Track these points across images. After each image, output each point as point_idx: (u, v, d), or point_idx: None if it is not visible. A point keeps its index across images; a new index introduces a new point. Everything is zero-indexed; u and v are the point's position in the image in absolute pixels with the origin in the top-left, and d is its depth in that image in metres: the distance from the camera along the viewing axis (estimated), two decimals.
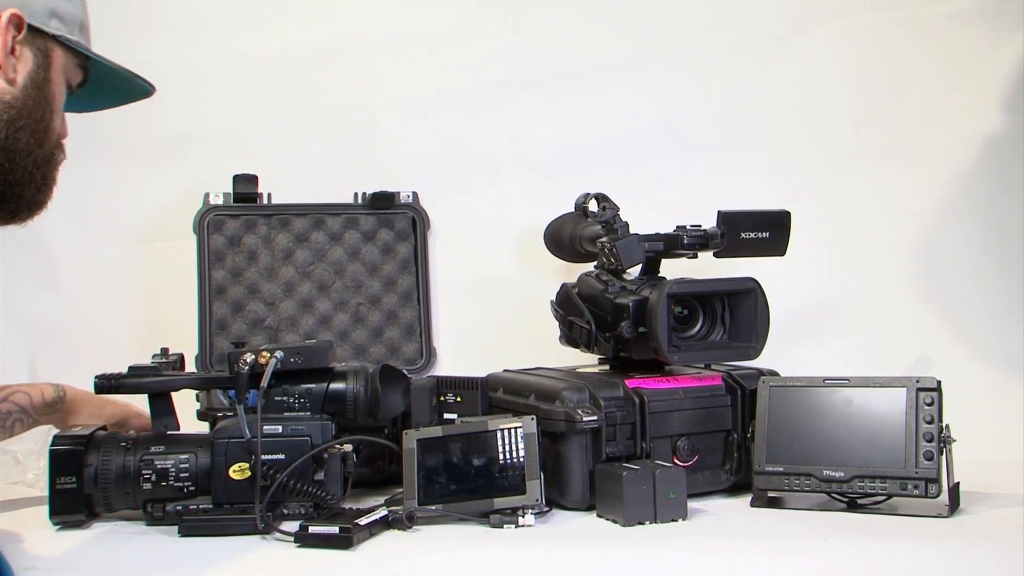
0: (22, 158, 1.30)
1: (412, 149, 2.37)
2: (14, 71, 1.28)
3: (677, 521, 1.57)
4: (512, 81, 2.36)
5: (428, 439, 1.65)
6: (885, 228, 2.29)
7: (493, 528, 1.57)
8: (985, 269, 2.26)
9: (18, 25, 1.28)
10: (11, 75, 1.28)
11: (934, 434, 1.57)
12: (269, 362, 1.58)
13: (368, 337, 2.25)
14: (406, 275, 2.29)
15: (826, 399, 1.66)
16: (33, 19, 1.29)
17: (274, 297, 2.22)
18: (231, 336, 2.16)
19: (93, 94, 1.47)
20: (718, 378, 1.79)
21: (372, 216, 2.28)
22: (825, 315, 2.29)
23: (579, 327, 1.86)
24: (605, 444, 1.67)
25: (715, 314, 1.82)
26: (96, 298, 2.36)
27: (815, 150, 2.33)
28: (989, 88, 2.27)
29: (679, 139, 2.36)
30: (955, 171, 2.28)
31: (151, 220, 2.35)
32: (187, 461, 1.57)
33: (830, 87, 2.34)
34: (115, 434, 1.61)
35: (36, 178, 1.33)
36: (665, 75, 2.35)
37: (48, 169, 1.35)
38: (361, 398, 1.66)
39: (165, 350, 1.75)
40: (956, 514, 1.58)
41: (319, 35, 2.36)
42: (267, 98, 2.36)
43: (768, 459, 1.67)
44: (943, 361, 2.06)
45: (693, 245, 1.83)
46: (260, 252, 2.22)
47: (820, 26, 2.34)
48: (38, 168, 1.33)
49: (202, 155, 2.33)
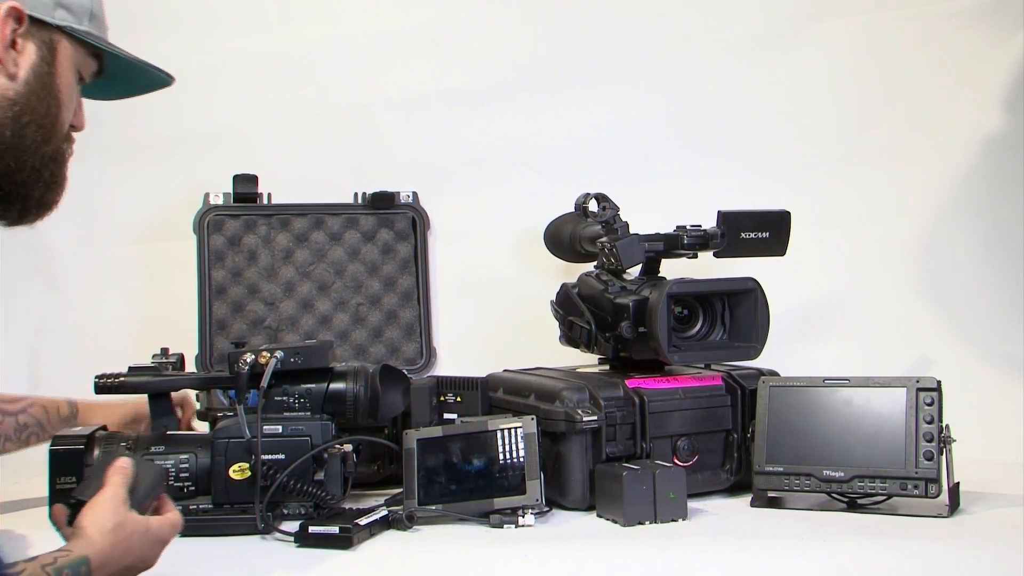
0: (29, 156, 1.26)
1: (412, 149, 2.37)
2: (15, 65, 1.23)
3: (677, 521, 1.57)
4: (512, 81, 2.36)
5: (428, 439, 1.65)
6: (885, 228, 2.29)
7: (493, 528, 1.57)
8: (985, 269, 2.26)
9: (18, 18, 1.23)
10: (12, 70, 1.23)
11: (934, 434, 1.57)
12: (269, 362, 1.58)
13: (368, 337, 2.25)
14: (406, 275, 2.29)
15: (826, 399, 1.66)
16: (36, 11, 1.25)
17: (274, 297, 2.22)
18: (231, 336, 2.16)
19: (112, 83, 1.42)
20: (718, 378, 1.79)
21: (372, 216, 2.28)
22: (825, 315, 2.29)
23: (579, 327, 1.86)
24: (605, 444, 1.67)
25: (715, 314, 1.82)
26: (96, 298, 2.36)
27: (815, 150, 2.33)
28: (989, 88, 2.27)
29: (679, 139, 2.36)
30: (955, 171, 2.28)
31: (151, 220, 2.35)
32: (187, 461, 1.57)
33: (830, 87, 2.34)
34: (115, 434, 1.61)
35: (44, 176, 1.29)
36: (665, 75, 2.35)
37: (56, 166, 1.32)
38: (361, 398, 1.65)
39: (165, 350, 1.75)
40: (956, 514, 1.58)
41: (319, 35, 2.36)
42: (267, 98, 2.36)
43: (768, 459, 1.67)
44: (943, 361, 2.06)
45: (693, 245, 1.83)
46: (260, 252, 2.22)
47: (821, 26, 2.34)
48: (46, 166, 1.29)
49: (202, 155, 2.33)
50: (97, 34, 1.34)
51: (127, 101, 1.51)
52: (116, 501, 1.21)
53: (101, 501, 1.20)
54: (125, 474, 1.24)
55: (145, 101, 1.54)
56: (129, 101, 1.51)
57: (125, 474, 1.24)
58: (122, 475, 1.24)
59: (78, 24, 1.29)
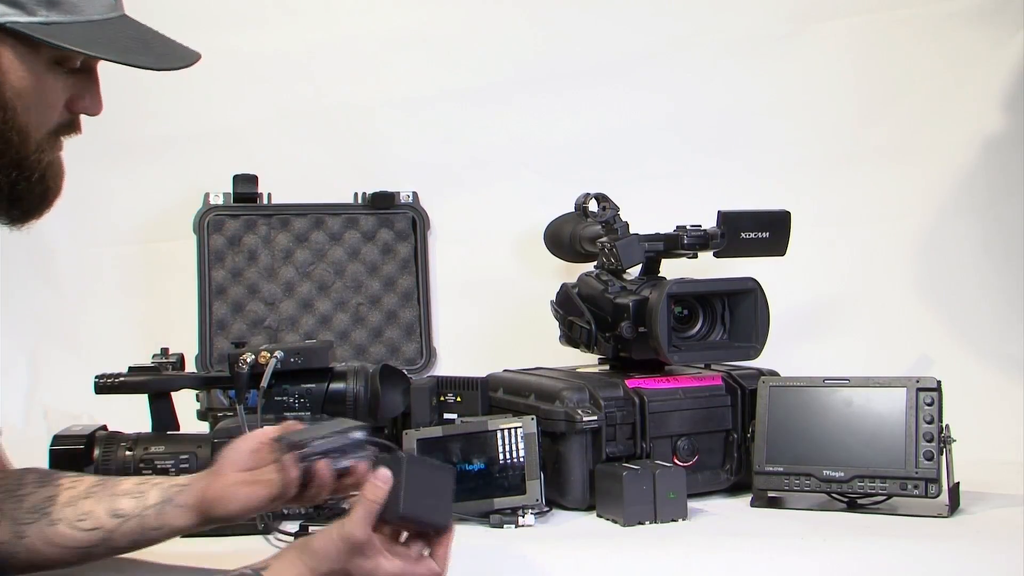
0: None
1: (412, 149, 2.37)
2: None
3: (677, 521, 1.57)
4: (512, 81, 2.36)
5: (428, 439, 1.65)
6: (885, 228, 2.29)
7: (493, 528, 1.57)
8: (985, 269, 2.26)
9: None
10: None
11: (934, 434, 1.57)
12: (269, 362, 1.58)
13: (368, 337, 2.25)
14: (406, 275, 2.29)
15: (826, 399, 1.66)
16: None
17: (274, 297, 2.22)
18: (231, 336, 2.16)
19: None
20: (718, 378, 1.79)
21: (372, 216, 2.28)
22: (825, 315, 2.29)
23: (579, 327, 1.86)
24: (605, 444, 1.67)
25: (715, 314, 1.82)
26: (96, 298, 2.36)
27: (815, 150, 2.33)
28: (989, 88, 2.27)
29: (679, 139, 2.36)
30: (955, 171, 2.28)
31: (151, 220, 2.35)
32: (187, 461, 1.57)
33: (830, 87, 2.34)
34: (116, 434, 1.61)
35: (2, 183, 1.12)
36: (665, 75, 2.35)
37: (29, 172, 1.14)
38: (361, 398, 1.65)
39: (165, 350, 1.75)
40: (956, 514, 1.57)
41: (319, 35, 2.36)
42: (267, 98, 2.36)
43: (768, 459, 1.67)
44: (943, 361, 2.06)
45: (693, 245, 1.83)
46: (260, 252, 2.22)
47: (821, 26, 2.34)
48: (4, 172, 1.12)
49: (202, 155, 2.33)
50: (58, 20, 1.10)
51: (127, 101, 1.48)
52: (350, 540, 1.05)
53: (334, 536, 1.06)
54: (377, 496, 1.05)
55: (145, 101, 1.55)
56: (129, 101, 1.48)
57: (377, 496, 1.05)
58: (376, 494, 1.05)
59: (25, 16, 1.07)
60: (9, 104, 1.10)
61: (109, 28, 1.17)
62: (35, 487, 1.25)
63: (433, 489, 1.06)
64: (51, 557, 1.20)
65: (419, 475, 1.04)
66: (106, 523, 1.21)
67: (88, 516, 1.21)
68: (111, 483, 1.24)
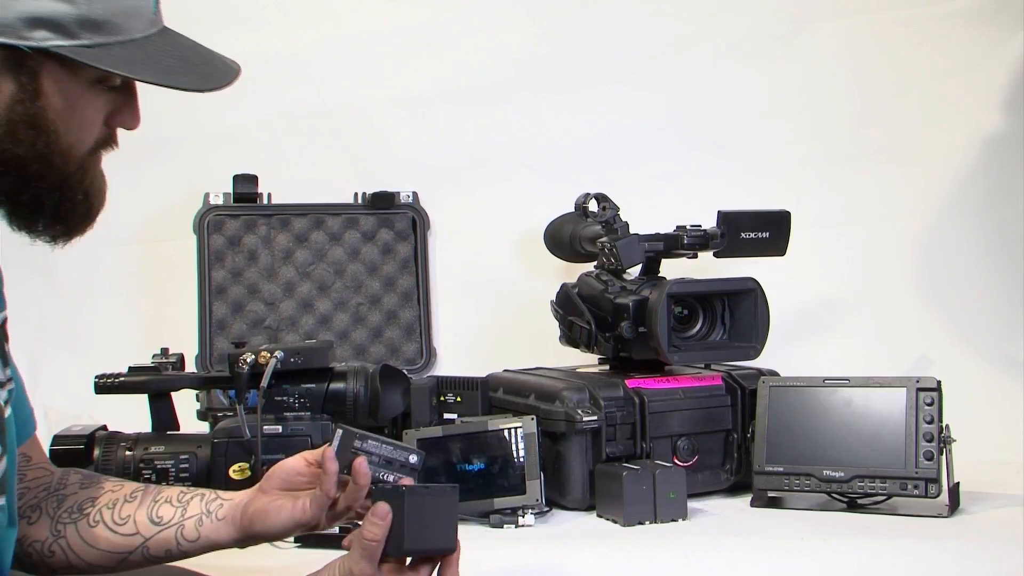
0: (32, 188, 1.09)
1: (412, 149, 2.37)
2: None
3: (677, 521, 1.57)
4: (512, 81, 2.36)
5: (428, 439, 1.65)
6: (885, 228, 2.29)
7: (493, 528, 1.57)
8: (985, 269, 2.26)
9: None
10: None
11: (934, 434, 1.57)
12: (269, 362, 1.58)
13: (368, 337, 2.25)
14: (406, 275, 2.29)
15: (826, 399, 1.66)
16: (3, 36, 1.01)
17: (274, 297, 2.22)
18: (231, 336, 2.16)
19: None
20: (718, 378, 1.79)
21: (372, 216, 2.28)
22: (825, 315, 2.29)
23: (579, 327, 1.86)
24: (605, 444, 1.67)
25: (715, 314, 1.82)
26: (96, 298, 2.36)
27: (815, 150, 2.33)
28: (989, 88, 2.27)
29: (679, 139, 2.36)
30: (955, 171, 2.28)
31: (151, 220, 2.35)
32: (187, 461, 1.56)
33: (830, 87, 2.34)
34: (116, 434, 1.61)
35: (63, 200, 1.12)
36: (665, 75, 2.35)
37: (70, 191, 1.13)
38: (361, 398, 1.65)
39: (165, 350, 1.75)
40: (956, 514, 1.57)
41: (319, 35, 2.36)
42: (267, 98, 2.35)
43: (768, 459, 1.67)
44: (943, 361, 2.06)
45: (693, 245, 1.83)
46: (260, 252, 2.22)
47: (821, 26, 2.34)
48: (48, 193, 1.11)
49: (202, 155, 2.33)
50: (101, 42, 1.09)
51: None
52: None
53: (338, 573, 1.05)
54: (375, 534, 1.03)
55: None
56: None
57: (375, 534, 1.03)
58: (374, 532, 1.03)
59: (67, 40, 1.06)
60: (51, 127, 1.09)
61: (151, 47, 1.17)
62: (77, 488, 1.25)
63: (436, 516, 1.04)
64: (87, 559, 1.20)
65: (421, 506, 1.02)
66: (144, 529, 1.20)
67: (127, 520, 1.21)
68: (154, 490, 1.24)
